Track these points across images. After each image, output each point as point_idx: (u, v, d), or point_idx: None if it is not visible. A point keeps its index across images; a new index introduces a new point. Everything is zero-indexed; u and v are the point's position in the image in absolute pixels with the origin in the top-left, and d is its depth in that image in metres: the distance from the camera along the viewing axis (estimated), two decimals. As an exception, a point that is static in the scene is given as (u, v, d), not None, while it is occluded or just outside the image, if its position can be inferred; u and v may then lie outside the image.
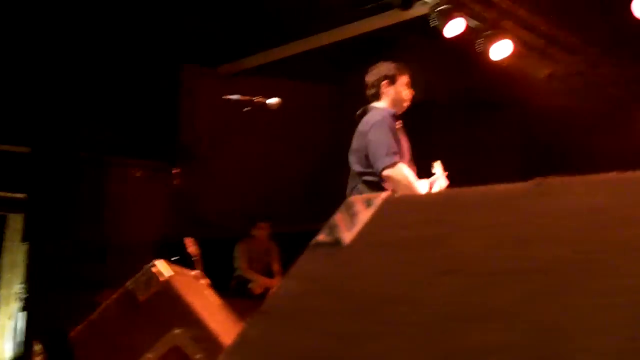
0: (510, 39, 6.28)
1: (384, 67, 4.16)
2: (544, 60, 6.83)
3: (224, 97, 4.24)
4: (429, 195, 1.26)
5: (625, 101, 7.27)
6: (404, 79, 4.14)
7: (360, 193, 3.77)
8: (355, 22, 6.64)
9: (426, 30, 6.10)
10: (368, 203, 1.25)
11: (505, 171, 4.48)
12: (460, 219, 1.11)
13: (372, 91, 4.13)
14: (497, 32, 6.23)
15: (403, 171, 3.74)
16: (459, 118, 7.50)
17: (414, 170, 3.94)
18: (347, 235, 1.20)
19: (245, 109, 4.26)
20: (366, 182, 3.84)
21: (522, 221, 1.02)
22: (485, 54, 6.25)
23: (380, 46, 6.87)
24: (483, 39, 6.23)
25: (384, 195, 1.29)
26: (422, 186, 3.86)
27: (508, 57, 6.34)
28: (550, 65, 6.91)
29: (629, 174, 1.00)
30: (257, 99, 4.23)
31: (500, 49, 6.27)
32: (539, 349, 0.80)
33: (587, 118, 6.98)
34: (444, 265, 1.01)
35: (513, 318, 0.87)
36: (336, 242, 1.21)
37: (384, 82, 4.09)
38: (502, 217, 1.06)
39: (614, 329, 0.77)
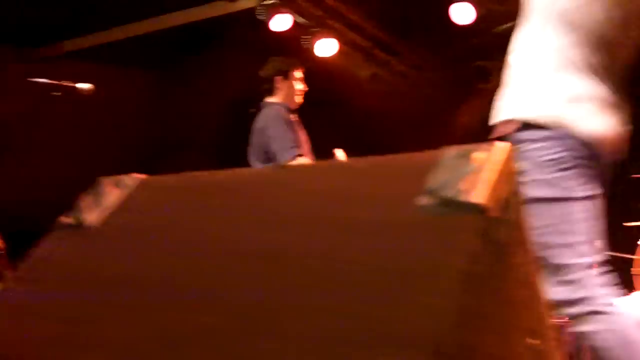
0: (335, 37, 6.42)
1: (277, 62, 4.27)
2: (368, 61, 7.06)
3: (29, 79, 3.99)
4: (182, 178, 1.25)
5: (446, 103, 7.65)
6: (297, 74, 4.26)
7: None
8: (182, 11, 6.50)
9: (254, 23, 6.10)
10: (117, 184, 1.20)
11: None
12: (203, 203, 1.10)
13: (267, 86, 4.21)
14: (323, 30, 6.35)
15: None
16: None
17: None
18: (91, 217, 1.14)
19: (54, 93, 4.04)
20: None
21: (257, 205, 1.03)
22: (310, 51, 6.35)
23: (207, 37, 6.79)
24: (309, 36, 6.33)
25: (136, 177, 1.25)
26: None
27: (333, 55, 6.48)
28: (374, 66, 7.14)
29: (361, 160, 1.04)
30: (66, 83, 4.01)
31: (326, 47, 6.40)
32: (240, 330, 0.80)
33: (408, 119, 7.28)
34: (175, 249, 1.00)
35: (224, 300, 0.88)
36: (79, 224, 1.15)
37: (278, 78, 4.20)
38: (241, 201, 1.07)
39: (318, 312, 0.80)
